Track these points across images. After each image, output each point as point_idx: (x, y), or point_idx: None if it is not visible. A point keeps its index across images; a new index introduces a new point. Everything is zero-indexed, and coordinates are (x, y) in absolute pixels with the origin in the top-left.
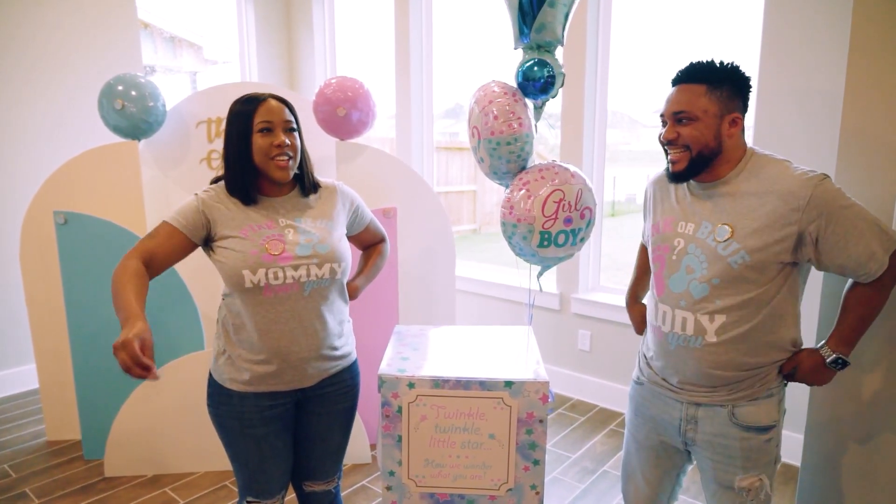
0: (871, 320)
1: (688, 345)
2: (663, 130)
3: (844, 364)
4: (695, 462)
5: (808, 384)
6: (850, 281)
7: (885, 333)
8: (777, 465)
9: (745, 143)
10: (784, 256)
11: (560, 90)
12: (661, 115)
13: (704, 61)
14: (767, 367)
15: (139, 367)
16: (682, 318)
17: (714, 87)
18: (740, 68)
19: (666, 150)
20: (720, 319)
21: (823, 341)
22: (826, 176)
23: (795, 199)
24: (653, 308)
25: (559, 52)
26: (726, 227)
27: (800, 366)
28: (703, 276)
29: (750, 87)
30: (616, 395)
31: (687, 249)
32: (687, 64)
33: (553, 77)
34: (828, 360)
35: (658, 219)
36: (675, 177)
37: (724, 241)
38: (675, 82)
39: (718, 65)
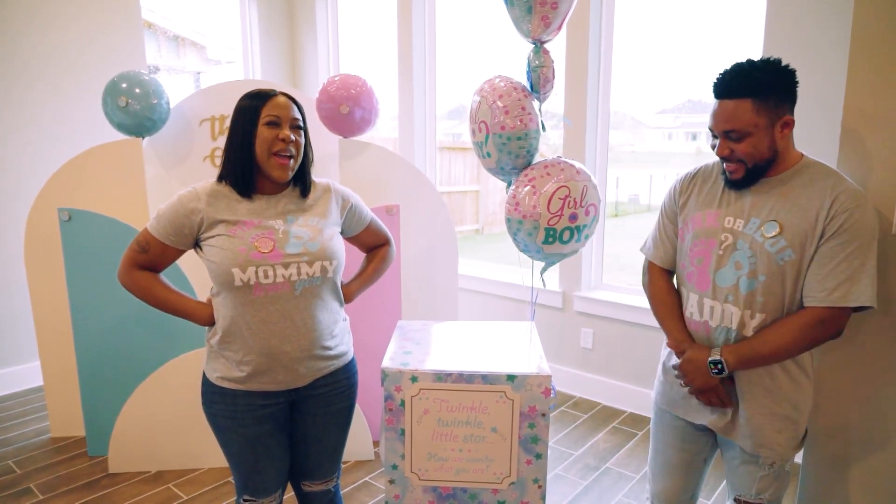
0: (773, 356)
1: (731, 337)
2: (715, 143)
3: (721, 371)
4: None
5: (683, 379)
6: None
7: (890, 334)
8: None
9: (794, 145)
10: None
11: (561, 89)
12: (710, 129)
13: (743, 67)
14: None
15: None
16: (730, 312)
17: (761, 99)
18: (781, 64)
19: (722, 159)
20: (760, 318)
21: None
22: (868, 200)
23: (839, 205)
24: (694, 305)
25: (560, 50)
26: (775, 223)
27: (685, 354)
28: (752, 271)
29: (796, 82)
30: (618, 393)
31: (736, 245)
32: (725, 72)
33: (528, 74)
34: (710, 359)
35: (700, 212)
36: (734, 184)
37: (772, 237)
38: (718, 96)
39: (760, 71)
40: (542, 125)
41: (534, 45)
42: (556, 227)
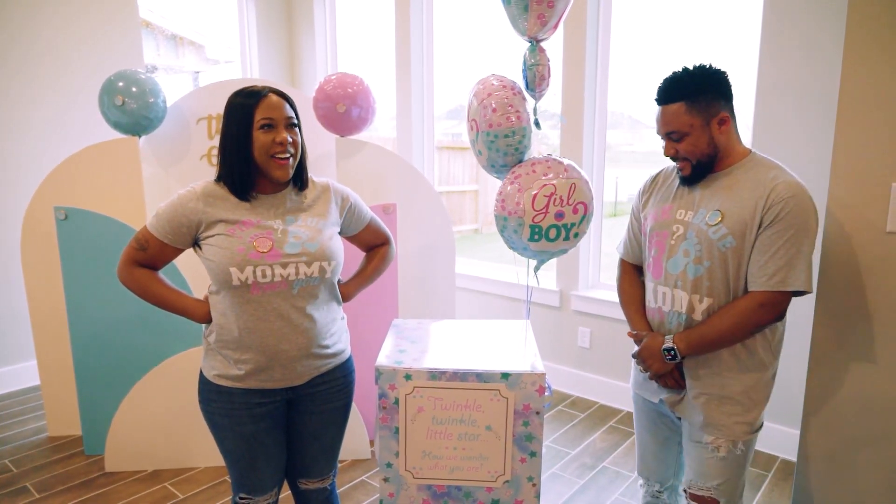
0: (721, 339)
1: (681, 321)
2: (664, 145)
3: (674, 357)
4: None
5: (642, 365)
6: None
7: (883, 329)
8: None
9: (740, 140)
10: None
11: (559, 88)
12: (658, 133)
13: (676, 75)
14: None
15: None
16: (679, 297)
17: (692, 100)
18: (710, 68)
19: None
20: (707, 302)
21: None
22: (807, 192)
23: (775, 195)
24: (651, 293)
25: (557, 49)
26: (718, 212)
27: (642, 341)
28: (698, 258)
29: (727, 82)
30: (616, 392)
31: (686, 235)
32: (661, 82)
33: (524, 72)
34: (663, 346)
35: (656, 208)
36: (686, 180)
37: (715, 224)
38: (659, 102)
39: (689, 76)
40: (537, 123)
41: (530, 44)
42: (541, 224)
